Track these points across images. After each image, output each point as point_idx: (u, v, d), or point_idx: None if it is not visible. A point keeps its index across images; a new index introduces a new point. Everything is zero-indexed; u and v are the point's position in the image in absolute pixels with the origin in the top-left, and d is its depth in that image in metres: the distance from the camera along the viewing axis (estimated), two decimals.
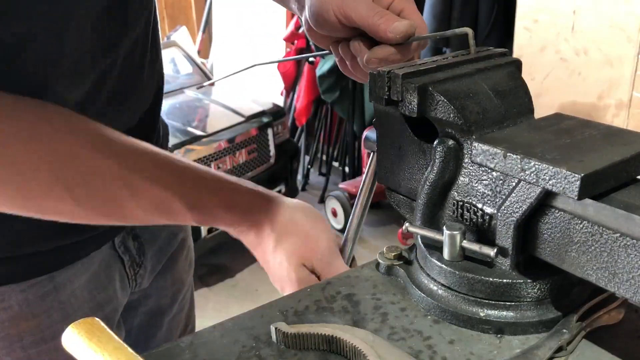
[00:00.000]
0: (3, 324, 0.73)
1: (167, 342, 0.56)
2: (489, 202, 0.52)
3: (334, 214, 3.14)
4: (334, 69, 3.13)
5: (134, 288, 0.88)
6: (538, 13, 2.14)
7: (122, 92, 0.75)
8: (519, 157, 0.47)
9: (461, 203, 0.54)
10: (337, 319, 0.55)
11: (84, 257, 0.78)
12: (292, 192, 3.19)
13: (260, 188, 0.71)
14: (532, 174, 0.46)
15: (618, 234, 0.43)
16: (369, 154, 0.68)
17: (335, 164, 3.69)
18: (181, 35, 3.82)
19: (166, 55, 3.26)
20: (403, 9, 0.65)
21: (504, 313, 0.52)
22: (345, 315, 0.56)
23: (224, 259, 3.08)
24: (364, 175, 0.71)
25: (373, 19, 0.63)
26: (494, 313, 0.52)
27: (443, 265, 0.54)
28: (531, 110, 0.57)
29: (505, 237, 0.51)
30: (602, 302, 0.52)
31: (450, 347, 0.51)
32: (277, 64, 3.55)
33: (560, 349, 0.48)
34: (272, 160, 3.01)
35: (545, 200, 0.48)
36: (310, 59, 3.31)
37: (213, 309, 2.75)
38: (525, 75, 0.59)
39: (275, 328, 0.52)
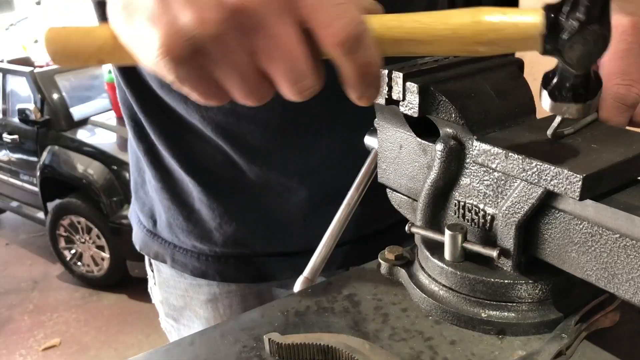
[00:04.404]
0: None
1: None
2: (490, 202, 0.52)
3: None
4: None
5: None
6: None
7: None
8: (520, 157, 0.47)
9: (463, 203, 0.54)
10: (338, 320, 0.55)
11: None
12: None
13: None
14: (534, 174, 0.46)
15: (618, 235, 0.42)
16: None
17: None
18: None
19: None
20: None
21: (506, 314, 0.52)
22: (346, 315, 0.55)
23: None
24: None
25: None
26: (495, 314, 0.52)
27: (444, 266, 0.54)
28: (533, 110, 0.56)
29: (507, 237, 0.51)
30: (601, 304, 0.52)
31: (451, 347, 0.51)
32: None
33: (560, 354, 0.48)
34: None
35: (546, 201, 0.48)
36: None
37: None
38: (527, 75, 0.58)
39: (269, 339, 0.51)
